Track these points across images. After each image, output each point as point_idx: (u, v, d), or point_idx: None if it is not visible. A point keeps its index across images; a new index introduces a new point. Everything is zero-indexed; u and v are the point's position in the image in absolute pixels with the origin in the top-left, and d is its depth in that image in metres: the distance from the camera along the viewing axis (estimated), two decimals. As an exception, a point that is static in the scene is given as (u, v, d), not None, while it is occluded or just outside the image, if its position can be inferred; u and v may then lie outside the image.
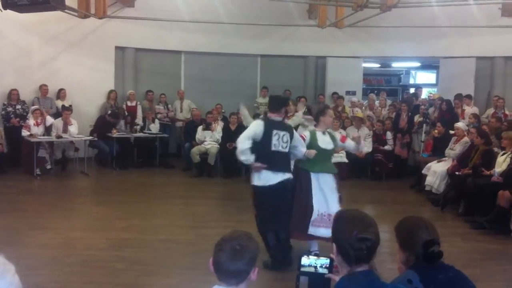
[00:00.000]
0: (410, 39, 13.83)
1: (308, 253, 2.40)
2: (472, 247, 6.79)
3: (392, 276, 2.59)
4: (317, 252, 5.63)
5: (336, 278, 2.32)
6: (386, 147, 11.61)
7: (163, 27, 13.22)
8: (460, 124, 10.06)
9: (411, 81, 21.10)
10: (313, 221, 5.80)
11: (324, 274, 2.31)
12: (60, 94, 12.62)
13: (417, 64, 19.38)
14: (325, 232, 5.58)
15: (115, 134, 12.01)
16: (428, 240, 2.52)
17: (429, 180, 9.58)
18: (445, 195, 8.90)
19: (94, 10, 12.04)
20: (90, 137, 11.84)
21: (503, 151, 8.31)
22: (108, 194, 9.77)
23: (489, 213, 7.46)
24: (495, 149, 8.86)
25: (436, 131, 10.73)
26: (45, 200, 9.02)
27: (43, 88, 12.24)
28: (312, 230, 5.80)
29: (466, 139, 9.51)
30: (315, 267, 2.31)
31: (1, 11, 9.46)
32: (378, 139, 11.66)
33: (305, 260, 2.32)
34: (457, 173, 8.85)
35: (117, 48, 13.59)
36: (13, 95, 11.76)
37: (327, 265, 2.31)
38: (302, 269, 2.32)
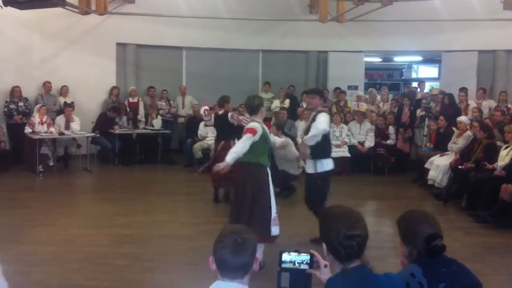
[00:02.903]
0: (411, 33, 13.76)
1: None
2: (475, 241, 6.77)
3: (394, 270, 2.57)
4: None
5: (317, 273, 2.31)
6: (388, 142, 11.59)
7: (164, 23, 13.17)
8: (462, 118, 10.00)
9: (413, 75, 21.01)
10: (272, 220, 5.44)
11: (305, 269, 2.30)
12: (62, 91, 12.58)
13: (419, 58, 19.30)
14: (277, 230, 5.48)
15: (117, 130, 12.01)
16: (431, 234, 2.50)
17: (431, 174, 9.54)
18: (448, 189, 8.88)
19: (95, 6, 12.03)
20: (92, 134, 11.86)
21: (506, 145, 8.28)
22: (110, 190, 9.77)
23: (491, 207, 7.44)
24: (498, 143, 8.82)
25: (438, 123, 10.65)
26: (47, 197, 9.01)
27: (46, 85, 12.20)
28: (274, 231, 5.44)
29: (468, 133, 9.47)
30: (296, 263, 2.30)
31: (2, 8, 9.45)
32: (380, 134, 11.63)
33: (286, 257, 2.31)
34: (459, 167, 8.81)
35: (118, 44, 13.54)
36: (15, 92, 11.69)
37: (308, 261, 2.29)
38: (283, 265, 2.31)
